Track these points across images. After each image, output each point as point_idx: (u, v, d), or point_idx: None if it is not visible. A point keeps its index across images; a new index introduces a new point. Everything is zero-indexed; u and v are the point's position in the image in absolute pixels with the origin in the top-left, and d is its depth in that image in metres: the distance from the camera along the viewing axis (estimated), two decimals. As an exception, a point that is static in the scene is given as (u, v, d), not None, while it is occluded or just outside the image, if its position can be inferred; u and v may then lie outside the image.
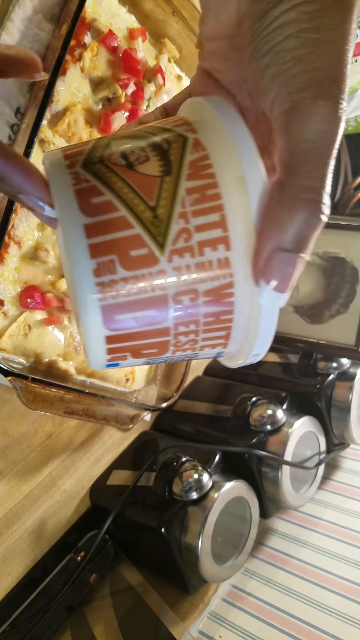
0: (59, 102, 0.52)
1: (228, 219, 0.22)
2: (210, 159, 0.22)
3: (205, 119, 0.24)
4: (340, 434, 0.70)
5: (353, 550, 0.63)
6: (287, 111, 0.20)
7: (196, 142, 0.23)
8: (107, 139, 0.24)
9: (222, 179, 0.22)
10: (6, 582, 0.55)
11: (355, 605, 0.57)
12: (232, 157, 0.22)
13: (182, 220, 0.21)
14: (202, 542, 0.53)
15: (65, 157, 0.23)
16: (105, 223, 0.21)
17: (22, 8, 0.49)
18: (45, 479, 0.57)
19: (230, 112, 0.23)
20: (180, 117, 0.25)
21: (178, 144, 0.23)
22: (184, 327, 0.23)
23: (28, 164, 0.23)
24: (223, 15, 0.23)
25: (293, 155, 0.20)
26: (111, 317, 0.21)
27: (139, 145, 0.23)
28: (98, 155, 0.23)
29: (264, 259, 0.20)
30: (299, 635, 0.56)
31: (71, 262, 0.21)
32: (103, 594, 0.57)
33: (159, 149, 0.23)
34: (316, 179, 0.20)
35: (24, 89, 0.50)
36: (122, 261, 0.21)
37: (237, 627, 0.58)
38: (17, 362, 0.52)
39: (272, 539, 0.67)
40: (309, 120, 0.20)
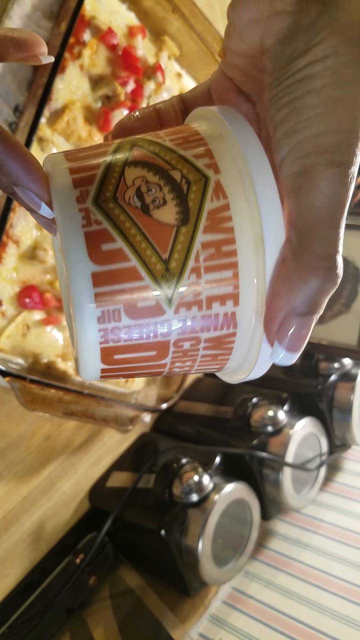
0: (58, 100, 0.51)
1: (241, 277, 0.21)
2: (230, 210, 0.21)
3: (230, 154, 0.22)
4: (342, 435, 0.69)
5: (355, 553, 0.63)
6: (298, 175, 0.20)
7: (218, 187, 0.22)
8: (122, 156, 0.22)
9: (240, 235, 0.21)
10: (4, 584, 0.54)
11: (357, 607, 0.57)
12: (254, 213, 0.21)
13: (194, 275, 0.21)
14: (203, 545, 0.53)
15: (75, 184, 0.21)
16: (114, 273, 0.20)
17: (20, 5, 0.48)
18: (44, 480, 0.57)
19: (258, 152, 0.22)
20: (202, 139, 0.23)
21: (199, 187, 0.22)
22: (180, 363, 0.23)
23: (29, 154, 0.22)
24: (248, 38, 0.22)
25: (305, 222, 0.20)
26: (109, 356, 0.22)
27: (157, 182, 0.21)
28: (112, 189, 0.21)
29: (279, 323, 0.21)
30: (301, 638, 0.55)
31: (74, 306, 0.20)
32: (102, 596, 0.57)
33: (178, 190, 0.21)
34: (329, 246, 0.20)
35: (22, 86, 0.49)
36: (127, 311, 0.21)
37: (237, 629, 0.57)
38: (15, 363, 0.51)
39: (273, 541, 0.67)
40: (320, 186, 0.20)
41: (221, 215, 0.21)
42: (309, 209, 0.20)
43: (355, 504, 0.69)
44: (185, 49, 0.61)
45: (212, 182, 0.22)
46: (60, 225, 0.21)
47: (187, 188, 0.21)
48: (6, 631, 0.52)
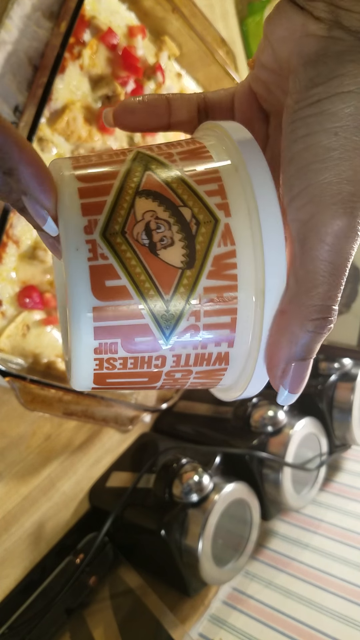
0: (58, 100, 0.51)
1: (238, 323, 0.22)
2: (236, 258, 0.21)
3: (243, 196, 0.22)
4: (342, 436, 0.69)
5: (355, 553, 0.63)
6: (305, 224, 0.20)
7: (226, 231, 0.21)
8: (134, 183, 0.22)
9: (243, 284, 0.21)
10: (4, 584, 0.54)
11: (357, 607, 0.57)
12: (260, 264, 0.21)
13: (193, 317, 0.21)
14: (203, 545, 0.53)
15: (84, 210, 0.21)
16: (115, 309, 0.21)
17: (20, 6, 0.48)
18: (44, 480, 0.57)
19: (271, 197, 0.21)
20: (217, 172, 0.22)
21: (207, 229, 0.21)
22: (169, 386, 0.24)
23: (42, 163, 0.21)
24: (278, 54, 0.22)
25: (307, 274, 0.20)
26: (102, 379, 0.22)
27: (166, 219, 0.21)
28: (121, 222, 0.21)
29: (281, 370, 0.22)
30: (301, 638, 0.55)
31: (72, 336, 0.21)
32: (102, 596, 0.57)
33: (187, 230, 0.21)
34: (329, 299, 0.20)
35: (22, 86, 0.49)
36: (124, 344, 0.21)
37: (237, 629, 0.57)
38: (15, 363, 0.51)
39: (273, 541, 0.67)
40: (327, 240, 0.20)
41: (227, 261, 0.21)
42: (312, 261, 0.20)
43: (356, 504, 0.69)
44: (185, 49, 0.61)
45: (221, 226, 0.21)
46: (66, 254, 0.20)
47: (195, 229, 0.21)
48: (6, 631, 0.52)
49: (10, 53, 0.48)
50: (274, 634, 0.56)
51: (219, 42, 0.62)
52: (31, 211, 0.21)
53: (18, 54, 0.48)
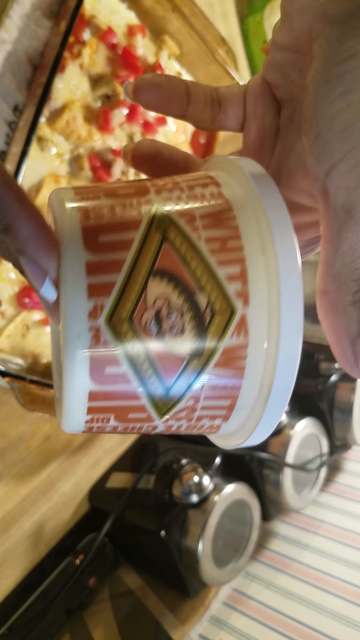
0: (58, 100, 0.51)
1: (235, 409, 0.21)
2: (247, 350, 0.20)
3: (266, 284, 0.20)
4: (343, 436, 0.69)
5: (355, 553, 0.63)
6: (354, 190, 0.18)
7: (241, 323, 0.20)
8: (148, 259, 0.19)
9: (250, 379, 0.20)
10: (4, 585, 0.54)
11: (357, 608, 0.57)
12: (271, 362, 0.20)
13: (191, 401, 0.20)
14: (203, 545, 0.53)
15: (90, 291, 0.18)
16: (112, 393, 0.19)
17: (20, 5, 0.48)
18: (43, 481, 0.57)
19: (296, 286, 0.19)
20: (241, 251, 0.20)
21: (222, 320, 0.20)
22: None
23: (43, 220, 0.19)
24: (297, 24, 0.20)
25: (353, 247, 0.19)
26: (92, 430, 0.21)
27: (179, 307, 0.19)
28: (129, 308, 0.19)
29: (352, 352, 0.20)
30: (301, 639, 0.55)
31: (64, 408, 0.20)
32: (102, 597, 0.57)
33: (199, 320, 0.19)
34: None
35: (22, 85, 0.49)
36: (117, 418, 0.20)
37: (238, 630, 0.57)
38: (14, 363, 0.51)
39: (274, 542, 0.66)
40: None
41: (237, 354, 0.20)
42: (344, 255, 0.19)
43: (356, 505, 0.69)
44: (185, 48, 0.61)
45: (237, 317, 0.20)
46: (66, 338, 0.18)
47: (209, 320, 0.20)
48: (6, 632, 0.52)
49: (9, 52, 0.48)
50: (274, 635, 0.56)
51: (219, 41, 0.61)
52: (27, 273, 0.18)
53: (18, 53, 0.48)
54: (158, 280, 0.19)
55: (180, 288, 0.19)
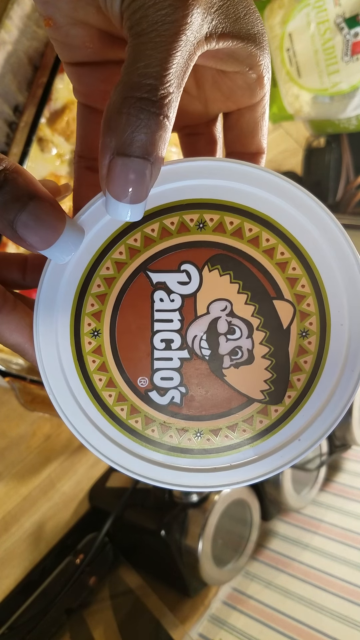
0: (58, 100, 0.51)
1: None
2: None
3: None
4: (342, 436, 0.69)
5: (355, 553, 0.63)
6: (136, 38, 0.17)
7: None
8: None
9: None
10: (4, 584, 0.54)
11: (356, 607, 0.57)
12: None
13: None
14: (203, 545, 0.53)
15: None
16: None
17: (20, 6, 0.48)
18: (43, 481, 0.57)
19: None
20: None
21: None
22: None
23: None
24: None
25: (131, 51, 0.17)
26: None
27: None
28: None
29: (106, 167, 0.18)
30: (300, 638, 0.55)
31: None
32: (102, 596, 0.57)
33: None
34: (151, 76, 0.17)
35: (22, 86, 0.49)
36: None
37: (237, 630, 0.57)
38: (15, 363, 0.51)
39: (273, 542, 0.66)
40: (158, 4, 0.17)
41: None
42: (138, 36, 0.17)
43: (355, 505, 0.69)
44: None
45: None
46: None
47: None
48: (6, 631, 0.52)
49: (10, 53, 0.48)
50: (273, 634, 0.56)
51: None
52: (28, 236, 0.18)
53: (18, 53, 0.48)
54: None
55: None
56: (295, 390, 0.16)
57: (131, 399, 0.17)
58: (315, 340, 0.16)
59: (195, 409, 0.17)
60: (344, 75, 0.66)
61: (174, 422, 0.18)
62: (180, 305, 0.17)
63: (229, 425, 0.17)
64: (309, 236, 0.18)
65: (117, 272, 0.18)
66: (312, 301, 0.17)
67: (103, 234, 0.18)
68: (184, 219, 0.18)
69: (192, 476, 0.17)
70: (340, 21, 0.63)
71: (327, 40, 0.65)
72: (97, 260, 0.18)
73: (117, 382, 0.18)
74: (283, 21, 0.68)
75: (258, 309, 0.16)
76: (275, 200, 0.18)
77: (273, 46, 0.70)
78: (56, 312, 0.18)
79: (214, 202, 0.18)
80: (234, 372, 0.16)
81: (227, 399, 0.16)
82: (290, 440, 0.17)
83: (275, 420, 0.16)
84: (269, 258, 0.17)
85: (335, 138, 0.81)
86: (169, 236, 0.18)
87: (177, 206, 0.18)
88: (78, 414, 0.17)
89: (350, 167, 0.80)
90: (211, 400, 0.17)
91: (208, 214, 0.18)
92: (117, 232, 0.18)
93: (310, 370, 0.16)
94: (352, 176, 0.80)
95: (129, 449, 0.17)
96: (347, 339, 0.16)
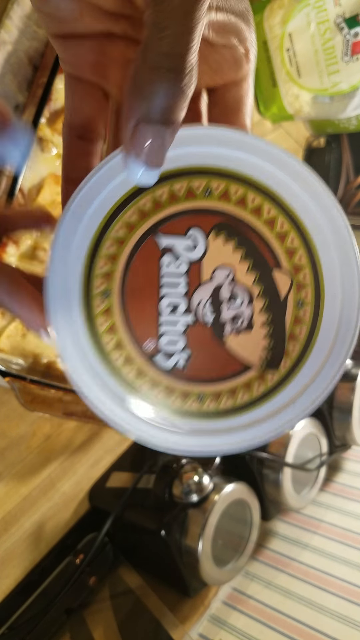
0: (58, 100, 0.51)
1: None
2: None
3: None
4: (342, 436, 0.69)
5: (355, 553, 0.63)
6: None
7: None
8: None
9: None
10: (4, 584, 0.54)
11: (357, 608, 0.57)
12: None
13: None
14: (203, 545, 0.53)
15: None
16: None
17: (21, 6, 0.48)
18: (43, 481, 0.57)
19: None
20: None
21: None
22: None
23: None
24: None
25: (155, 17, 0.18)
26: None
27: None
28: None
29: (130, 131, 0.19)
30: (300, 639, 0.55)
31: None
32: (102, 596, 0.57)
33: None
34: (179, 45, 0.18)
35: (22, 86, 0.49)
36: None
37: (237, 630, 0.57)
38: (15, 363, 0.51)
39: (273, 542, 0.66)
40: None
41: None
42: (162, 2, 0.17)
43: (355, 504, 0.69)
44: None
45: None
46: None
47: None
48: (6, 631, 0.52)
49: (10, 53, 0.48)
50: (274, 634, 0.56)
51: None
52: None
53: (18, 54, 0.48)
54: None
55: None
56: (290, 359, 0.17)
57: (138, 362, 0.18)
58: (309, 310, 0.17)
59: (197, 372, 0.18)
60: (344, 75, 0.66)
61: (178, 385, 0.18)
62: (186, 270, 0.18)
63: (229, 390, 0.18)
64: (308, 210, 0.18)
65: (128, 233, 0.18)
66: (308, 273, 0.17)
67: (113, 196, 0.19)
68: (191, 185, 0.19)
69: (193, 439, 0.17)
70: (340, 21, 0.63)
71: (327, 40, 0.65)
72: (108, 221, 0.19)
73: (125, 344, 0.18)
74: (283, 21, 0.68)
75: (259, 277, 0.17)
76: (278, 173, 0.19)
77: (273, 46, 0.70)
78: (69, 273, 0.18)
79: (220, 171, 0.19)
80: (234, 339, 0.16)
81: (228, 364, 0.16)
82: (285, 406, 0.18)
83: (272, 386, 0.17)
84: (269, 228, 0.18)
85: (335, 138, 0.81)
86: (177, 201, 0.19)
87: (185, 172, 0.19)
88: (89, 378, 0.18)
89: (350, 167, 0.80)
90: (212, 365, 0.17)
91: (214, 182, 0.19)
92: (127, 195, 0.19)
93: (304, 339, 0.17)
94: (352, 176, 0.80)
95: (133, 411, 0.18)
96: (339, 310, 0.17)
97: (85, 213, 0.18)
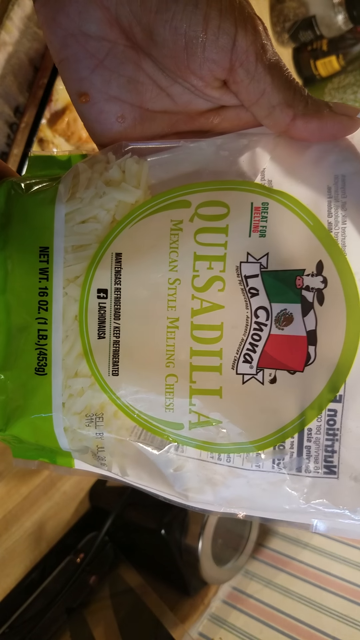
0: (59, 101, 0.51)
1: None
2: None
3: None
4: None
5: (354, 552, 0.63)
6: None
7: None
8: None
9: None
10: (5, 583, 0.54)
11: (356, 607, 0.57)
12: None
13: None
14: (203, 544, 0.53)
15: None
16: None
17: (21, 7, 0.48)
18: (44, 480, 0.57)
19: None
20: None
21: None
22: None
23: None
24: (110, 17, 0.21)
25: (271, 81, 0.21)
26: None
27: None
28: None
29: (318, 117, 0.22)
30: (300, 637, 0.55)
31: None
32: (103, 595, 0.57)
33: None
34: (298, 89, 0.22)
35: (23, 87, 0.49)
36: None
37: (237, 629, 0.57)
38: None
39: (273, 541, 0.67)
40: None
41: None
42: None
43: (355, 504, 0.69)
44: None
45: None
46: None
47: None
48: (7, 630, 0.52)
49: (11, 54, 0.48)
50: (273, 633, 0.56)
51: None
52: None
53: (19, 55, 0.49)
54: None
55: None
56: None
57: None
58: None
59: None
60: None
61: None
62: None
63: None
64: None
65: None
66: None
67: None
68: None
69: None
70: None
71: None
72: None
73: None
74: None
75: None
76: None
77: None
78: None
79: None
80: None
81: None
82: None
83: None
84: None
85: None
86: None
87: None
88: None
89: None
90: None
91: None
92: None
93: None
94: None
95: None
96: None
97: None
